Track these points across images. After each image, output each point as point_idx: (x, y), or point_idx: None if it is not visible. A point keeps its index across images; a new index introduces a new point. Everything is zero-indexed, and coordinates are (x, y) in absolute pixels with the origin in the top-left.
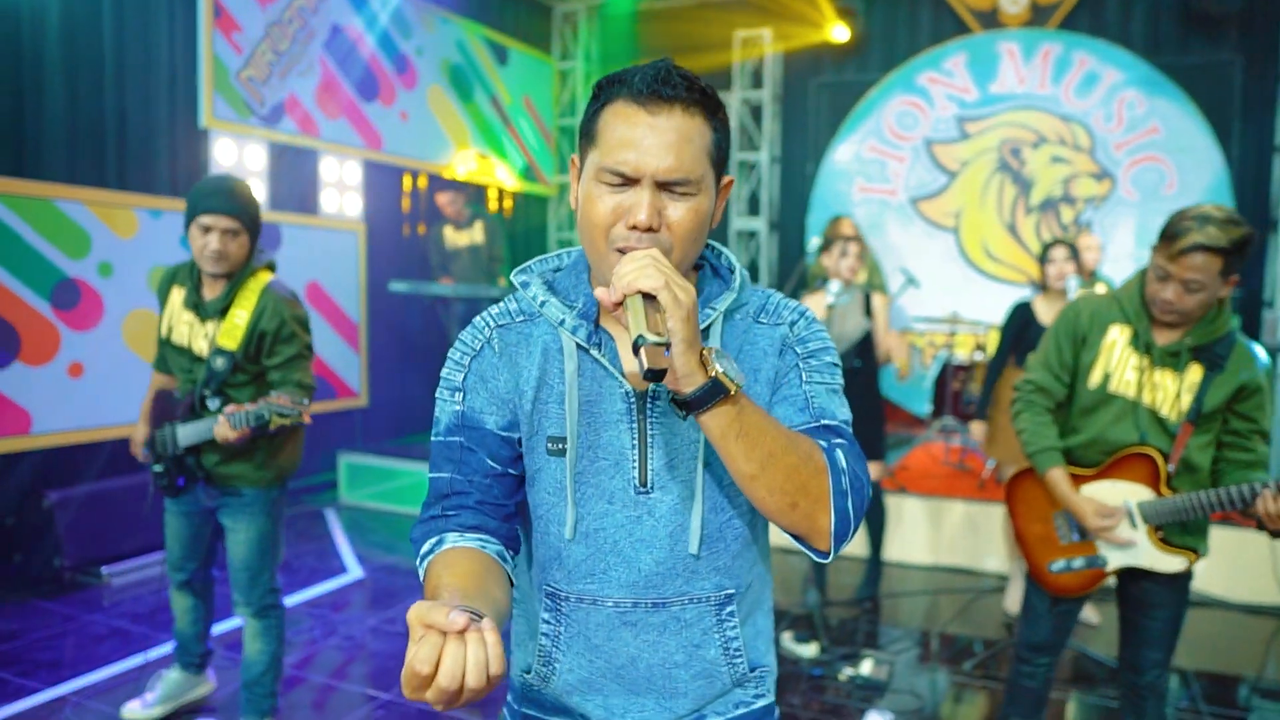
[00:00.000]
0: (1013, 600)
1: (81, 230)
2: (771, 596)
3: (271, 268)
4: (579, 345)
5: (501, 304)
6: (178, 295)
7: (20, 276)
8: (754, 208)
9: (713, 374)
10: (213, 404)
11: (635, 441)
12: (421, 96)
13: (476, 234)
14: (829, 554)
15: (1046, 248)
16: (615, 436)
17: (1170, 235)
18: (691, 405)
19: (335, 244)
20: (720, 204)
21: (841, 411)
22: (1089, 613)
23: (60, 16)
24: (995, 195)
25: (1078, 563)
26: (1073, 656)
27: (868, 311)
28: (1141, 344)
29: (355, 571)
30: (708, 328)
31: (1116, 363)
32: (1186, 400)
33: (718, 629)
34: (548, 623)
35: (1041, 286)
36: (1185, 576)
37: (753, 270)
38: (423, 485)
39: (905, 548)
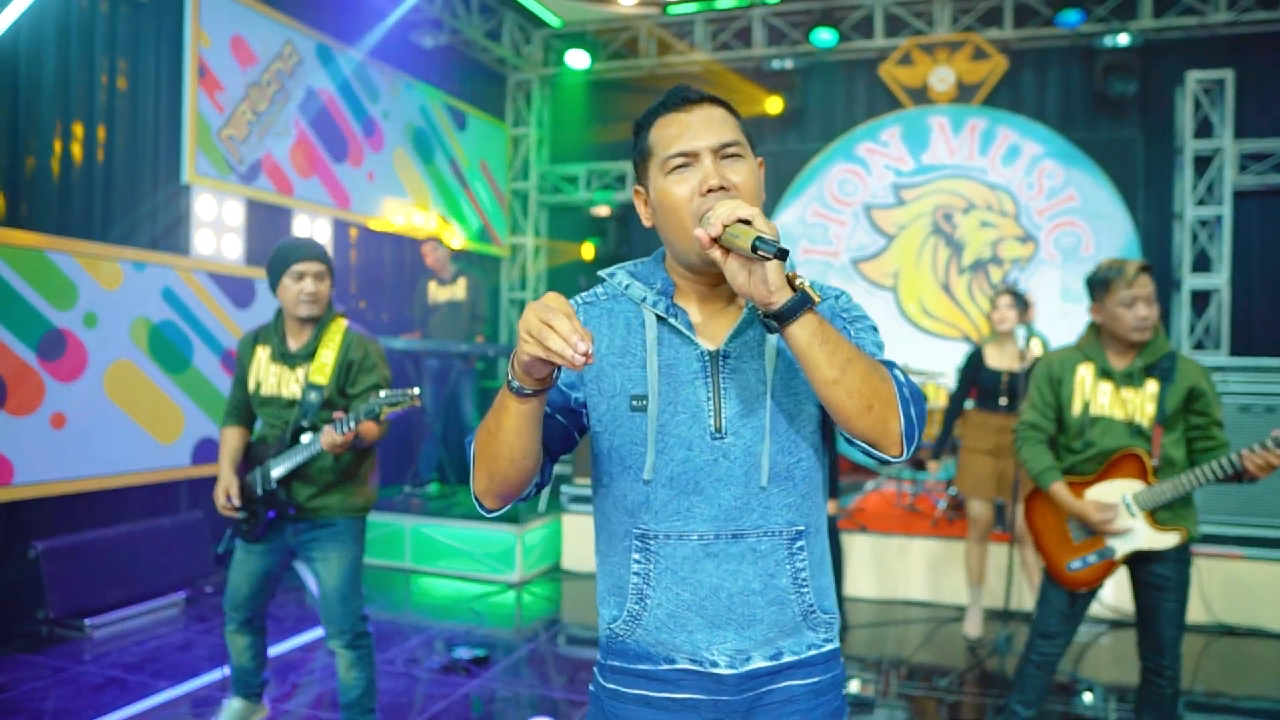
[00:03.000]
0: (972, 625)
1: (69, 281)
2: (831, 565)
3: (344, 315)
4: (659, 317)
5: (590, 290)
6: (263, 352)
7: (10, 327)
8: None
9: (801, 287)
10: (305, 437)
11: (710, 394)
12: (388, 158)
13: (459, 290)
14: (901, 456)
15: (995, 295)
16: (692, 392)
17: (1116, 274)
18: (783, 316)
19: None
20: (760, 179)
21: (889, 357)
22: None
23: (55, 74)
24: (930, 257)
25: (1091, 558)
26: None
27: None
28: (1104, 373)
29: None
30: None
31: (1090, 391)
32: (1151, 408)
33: (789, 561)
34: (639, 562)
35: (992, 334)
36: (1185, 561)
37: None
38: (394, 536)
39: (867, 583)
